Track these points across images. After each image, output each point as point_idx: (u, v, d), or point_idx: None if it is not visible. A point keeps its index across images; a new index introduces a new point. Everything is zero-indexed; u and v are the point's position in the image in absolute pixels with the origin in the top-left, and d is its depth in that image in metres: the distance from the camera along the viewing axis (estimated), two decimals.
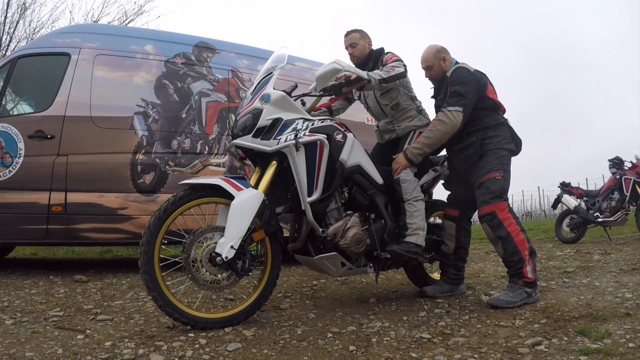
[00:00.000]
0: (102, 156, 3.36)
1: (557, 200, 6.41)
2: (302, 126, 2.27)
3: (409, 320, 2.20)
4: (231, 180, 2.11)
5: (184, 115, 3.81)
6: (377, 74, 2.43)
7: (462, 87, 2.49)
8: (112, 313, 2.32)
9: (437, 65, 2.68)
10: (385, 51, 2.78)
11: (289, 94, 2.36)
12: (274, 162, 2.21)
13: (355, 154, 2.44)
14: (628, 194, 5.70)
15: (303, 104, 2.59)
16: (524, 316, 2.07)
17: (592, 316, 1.97)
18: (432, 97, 2.81)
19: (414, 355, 1.72)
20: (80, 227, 3.21)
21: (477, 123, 2.55)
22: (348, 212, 2.44)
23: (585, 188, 7.76)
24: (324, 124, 2.36)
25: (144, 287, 2.03)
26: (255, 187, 2.17)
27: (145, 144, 3.57)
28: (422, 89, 2.98)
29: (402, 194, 2.52)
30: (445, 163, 2.83)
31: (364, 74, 2.36)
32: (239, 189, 2.08)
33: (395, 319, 2.23)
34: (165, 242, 2.07)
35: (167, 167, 3.64)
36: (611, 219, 5.77)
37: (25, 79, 3.49)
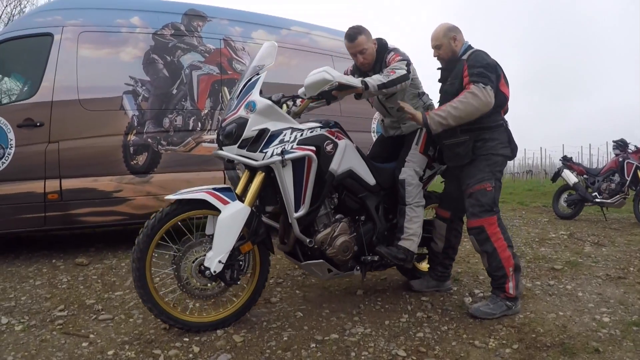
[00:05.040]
0: (93, 140, 3.47)
1: (557, 174, 6.53)
2: (290, 137, 2.32)
3: (390, 326, 2.44)
4: (217, 193, 2.21)
5: (174, 91, 3.85)
6: (376, 79, 2.39)
7: (486, 71, 2.42)
8: (112, 309, 2.60)
9: (447, 44, 2.63)
10: (389, 48, 2.70)
11: (277, 102, 2.39)
12: (261, 172, 2.32)
13: (346, 159, 2.50)
14: (629, 179, 5.81)
15: (294, 102, 2.62)
16: (500, 334, 2.27)
17: (563, 346, 2.12)
18: (439, 80, 2.77)
19: None
20: (78, 212, 3.42)
21: (473, 120, 2.49)
22: (337, 217, 2.58)
23: (588, 154, 7.86)
24: (313, 134, 2.39)
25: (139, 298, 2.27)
26: (242, 194, 2.31)
27: (136, 124, 3.67)
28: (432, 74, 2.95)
29: (404, 196, 2.64)
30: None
31: (357, 82, 2.34)
32: (225, 202, 2.20)
33: (377, 323, 2.47)
34: (155, 255, 2.28)
35: (159, 146, 3.76)
36: (609, 201, 5.92)
37: (8, 65, 3.50)
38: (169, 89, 3.82)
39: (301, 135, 2.35)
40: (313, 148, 2.34)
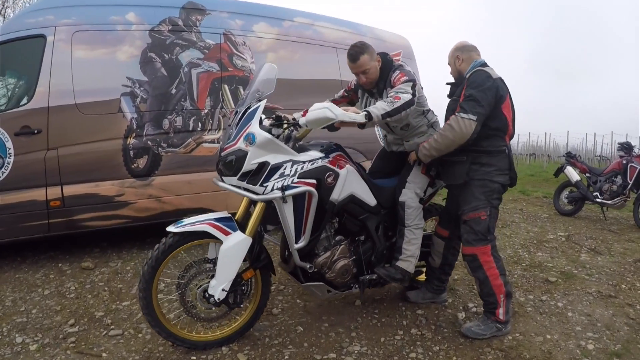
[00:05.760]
0: (92, 145, 3.52)
1: (560, 170, 6.67)
2: (291, 171, 2.37)
3: (385, 343, 2.62)
4: (218, 224, 2.31)
5: (173, 91, 3.86)
6: (380, 108, 2.38)
7: (479, 93, 2.45)
8: (121, 322, 2.77)
9: (452, 64, 2.75)
10: (394, 65, 2.71)
11: (277, 136, 2.40)
12: (262, 202, 2.41)
13: (347, 186, 2.57)
14: (631, 182, 5.93)
15: (295, 127, 2.62)
16: (487, 358, 2.45)
17: None
18: (448, 96, 2.83)
19: None
20: (81, 218, 3.53)
21: (474, 142, 2.53)
22: (337, 239, 2.70)
23: (592, 142, 8.04)
24: (314, 166, 2.44)
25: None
26: (242, 219, 2.43)
27: (135, 127, 3.71)
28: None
29: (404, 218, 2.72)
30: None
31: (360, 117, 2.33)
32: (226, 233, 2.30)
33: (373, 340, 2.65)
34: (161, 283, 2.42)
35: (159, 149, 3.82)
36: (609, 202, 6.07)
37: (1, 71, 3.47)
38: (168, 89, 3.82)
39: (302, 168, 2.40)
40: (314, 181, 2.41)
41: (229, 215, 2.43)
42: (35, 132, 3.32)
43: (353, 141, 4.32)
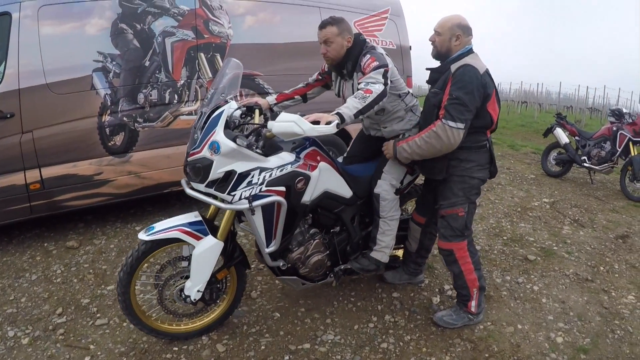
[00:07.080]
0: (67, 125, 3.53)
1: (549, 130, 6.68)
2: (258, 179, 2.37)
3: (358, 332, 2.83)
4: (188, 230, 2.40)
5: (147, 64, 3.79)
6: (351, 107, 2.34)
7: (467, 96, 2.42)
8: (106, 310, 2.98)
9: (447, 38, 2.60)
10: (365, 48, 2.65)
11: (240, 144, 2.34)
12: None
13: (320, 184, 2.61)
14: (619, 150, 6.00)
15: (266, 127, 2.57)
16: (456, 350, 2.64)
17: None
18: (428, 82, 2.78)
19: None
20: (62, 198, 3.64)
21: None
22: (311, 232, 2.81)
23: (585, 93, 8.03)
24: (283, 172, 2.44)
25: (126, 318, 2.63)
26: (214, 218, 2.53)
27: (109, 103, 3.69)
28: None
29: (379, 210, 2.81)
30: None
31: (332, 128, 2.25)
32: (197, 238, 2.41)
33: (347, 328, 2.86)
34: (138, 285, 2.58)
35: (136, 124, 3.83)
36: (597, 167, 6.19)
37: None
38: (141, 62, 3.75)
39: (270, 176, 2.40)
40: (283, 189, 2.44)
41: (200, 218, 2.51)
42: (8, 116, 3.32)
43: (330, 106, 4.30)
